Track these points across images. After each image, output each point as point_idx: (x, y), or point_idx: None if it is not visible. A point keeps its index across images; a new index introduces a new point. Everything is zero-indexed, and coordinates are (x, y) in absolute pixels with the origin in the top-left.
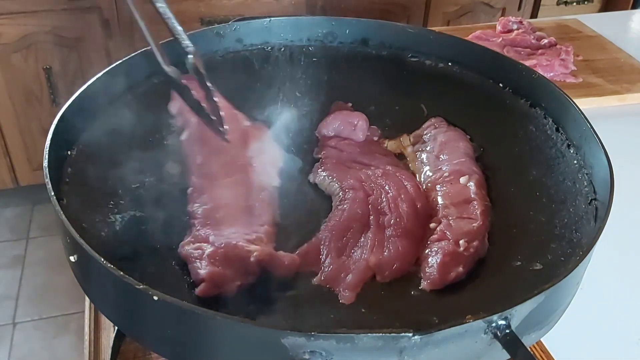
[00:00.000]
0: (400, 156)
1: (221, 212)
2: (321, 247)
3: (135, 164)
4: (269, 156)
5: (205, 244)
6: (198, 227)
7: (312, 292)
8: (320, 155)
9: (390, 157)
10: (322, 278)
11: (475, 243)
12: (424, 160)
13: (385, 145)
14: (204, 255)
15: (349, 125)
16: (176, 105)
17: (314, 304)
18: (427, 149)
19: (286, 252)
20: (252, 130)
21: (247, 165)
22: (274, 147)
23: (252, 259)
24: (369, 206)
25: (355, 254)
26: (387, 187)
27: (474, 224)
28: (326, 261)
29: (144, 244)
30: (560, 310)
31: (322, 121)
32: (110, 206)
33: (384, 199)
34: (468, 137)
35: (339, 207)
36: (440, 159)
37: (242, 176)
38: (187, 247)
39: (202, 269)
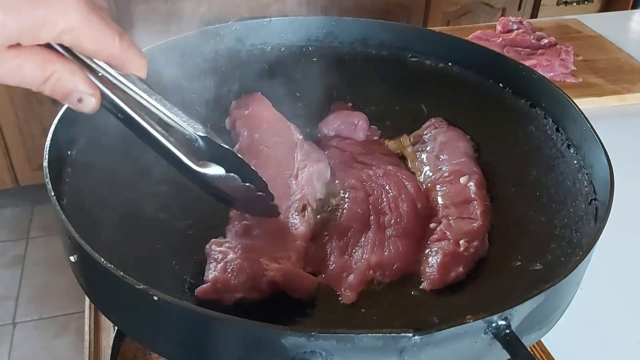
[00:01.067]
0: (401, 156)
1: (257, 228)
2: (321, 247)
3: (136, 163)
4: (316, 169)
5: (231, 252)
6: (234, 235)
7: (312, 292)
8: None
9: (391, 157)
10: (324, 278)
11: (475, 243)
12: (424, 160)
13: (386, 145)
14: (223, 260)
15: (350, 124)
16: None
17: (314, 304)
18: (427, 149)
19: None
20: (300, 143)
21: (292, 179)
22: (322, 160)
23: (264, 278)
24: (370, 206)
25: (356, 253)
26: (387, 187)
27: (474, 224)
28: (328, 261)
29: (144, 244)
30: (560, 310)
31: (323, 121)
32: (111, 206)
33: (385, 199)
34: (468, 137)
35: (340, 207)
36: (440, 159)
37: (286, 189)
38: (214, 247)
39: (213, 271)
